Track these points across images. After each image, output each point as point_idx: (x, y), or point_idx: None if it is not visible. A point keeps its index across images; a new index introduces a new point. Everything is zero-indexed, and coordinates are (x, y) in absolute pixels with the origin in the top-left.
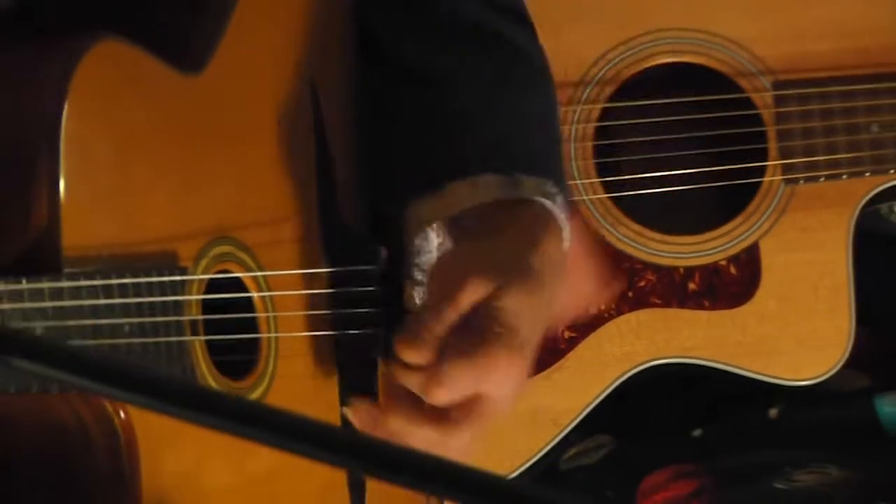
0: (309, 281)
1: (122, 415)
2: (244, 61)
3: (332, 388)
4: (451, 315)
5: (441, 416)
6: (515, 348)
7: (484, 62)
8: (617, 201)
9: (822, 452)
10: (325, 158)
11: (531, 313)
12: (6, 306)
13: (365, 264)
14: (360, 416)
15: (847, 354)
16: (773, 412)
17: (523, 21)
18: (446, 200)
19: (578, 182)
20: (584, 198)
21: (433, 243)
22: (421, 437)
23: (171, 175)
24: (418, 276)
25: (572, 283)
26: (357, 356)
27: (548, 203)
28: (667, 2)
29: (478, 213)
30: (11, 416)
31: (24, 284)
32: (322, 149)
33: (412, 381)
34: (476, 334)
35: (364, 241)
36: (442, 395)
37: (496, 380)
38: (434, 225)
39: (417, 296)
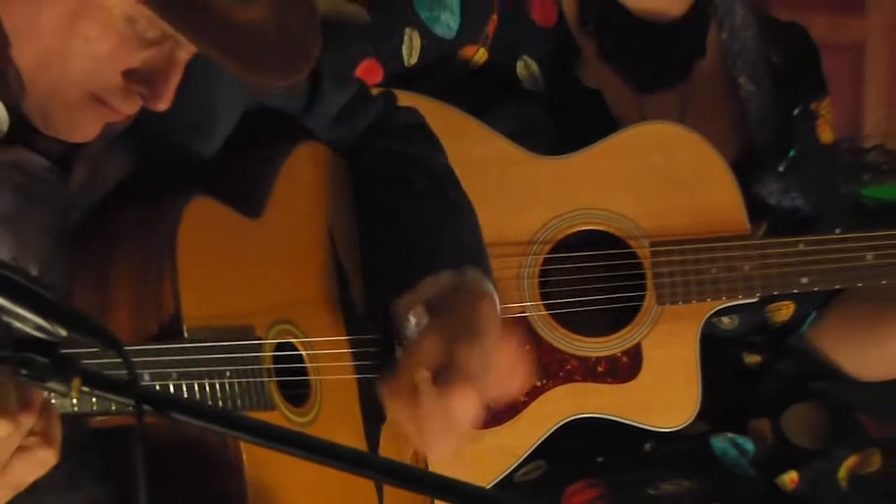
0: (336, 345)
1: (234, 442)
2: (286, 209)
3: (355, 410)
4: (417, 364)
5: (422, 428)
6: (470, 383)
7: (436, 196)
8: (553, 316)
9: (678, 471)
10: (342, 272)
11: (479, 358)
12: (151, 372)
13: (370, 334)
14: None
15: (697, 412)
16: (647, 446)
17: (445, 158)
18: (417, 294)
19: (528, 304)
20: (533, 314)
21: (412, 324)
22: (416, 438)
23: (246, 279)
24: (404, 343)
25: (522, 366)
26: (369, 391)
27: (484, 284)
28: (582, 190)
29: (439, 295)
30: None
31: (163, 345)
32: (339, 266)
33: (400, 410)
34: (440, 373)
35: (367, 320)
36: (427, 423)
37: (457, 400)
38: (412, 311)
39: (401, 355)
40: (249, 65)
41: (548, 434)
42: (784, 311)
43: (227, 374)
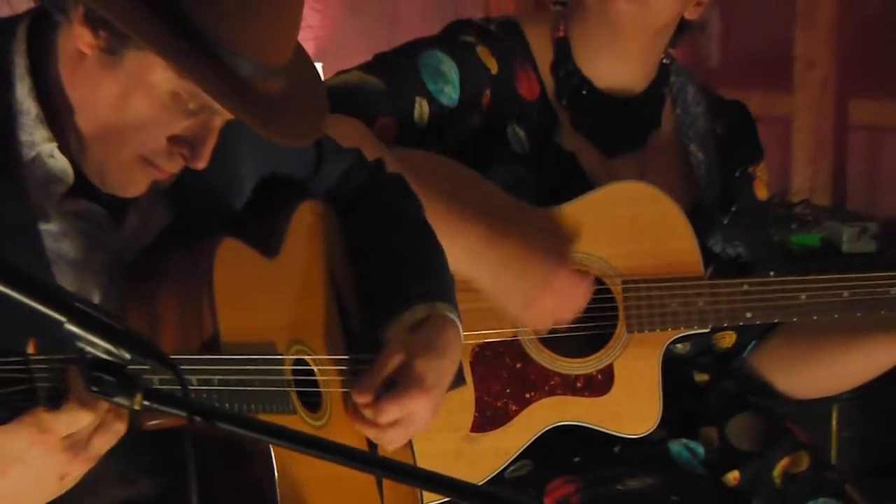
0: (338, 363)
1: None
2: (297, 251)
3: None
4: (381, 373)
5: (379, 428)
6: (424, 388)
7: (414, 244)
8: (541, 340)
9: (641, 470)
10: (342, 303)
11: (434, 371)
12: (198, 378)
13: (362, 353)
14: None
15: (658, 421)
16: (616, 449)
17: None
18: (399, 323)
19: (520, 329)
20: (524, 338)
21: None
22: (378, 439)
23: (268, 305)
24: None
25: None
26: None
27: (450, 315)
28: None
29: (415, 324)
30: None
31: (206, 356)
32: (340, 299)
33: (364, 413)
34: (399, 384)
35: (364, 342)
36: (381, 419)
37: (413, 407)
38: (395, 336)
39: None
40: (269, 126)
41: (534, 438)
42: (727, 339)
43: (256, 382)
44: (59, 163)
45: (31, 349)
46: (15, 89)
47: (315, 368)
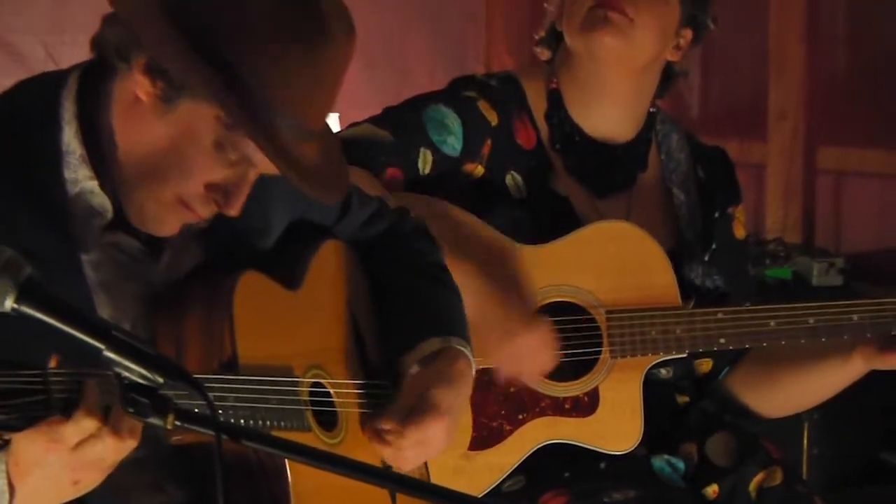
0: (354, 387)
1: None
2: (318, 286)
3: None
4: (406, 403)
5: (399, 450)
6: (439, 414)
7: (431, 283)
8: None
9: (626, 483)
10: (358, 334)
11: (448, 399)
12: (214, 395)
13: (379, 378)
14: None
15: (640, 439)
16: (602, 465)
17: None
18: (414, 355)
19: None
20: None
21: (411, 373)
22: (396, 460)
23: (287, 334)
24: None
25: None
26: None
27: (462, 348)
28: (556, 271)
29: (430, 355)
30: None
31: (223, 376)
32: (357, 330)
33: (388, 437)
34: (416, 410)
35: (378, 369)
36: (403, 443)
37: (430, 432)
38: (411, 366)
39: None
40: (305, 181)
41: (527, 455)
42: (706, 365)
43: (271, 401)
44: (100, 199)
45: (52, 364)
46: (63, 131)
47: (332, 391)
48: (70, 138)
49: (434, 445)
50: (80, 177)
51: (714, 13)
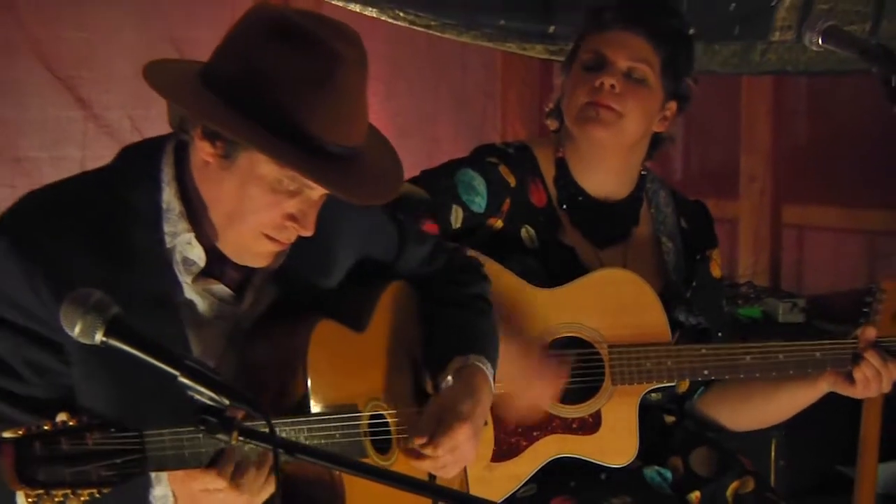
0: (407, 413)
1: (337, 473)
2: (382, 327)
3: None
4: (431, 419)
5: (436, 459)
6: (463, 420)
7: (473, 309)
8: None
9: (623, 491)
10: (417, 365)
11: (469, 407)
12: (289, 426)
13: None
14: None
15: (636, 454)
16: (603, 475)
17: (484, 286)
18: (444, 374)
19: None
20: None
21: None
22: (437, 470)
23: (353, 372)
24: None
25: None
26: None
27: (480, 364)
28: (565, 310)
29: (457, 371)
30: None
31: (295, 417)
32: (415, 361)
33: (423, 451)
34: (443, 422)
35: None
36: (437, 452)
37: (459, 438)
38: (444, 381)
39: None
40: (350, 191)
41: (540, 467)
42: (683, 385)
43: (337, 435)
44: (196, 249)
45: (62, 418)
46: (163, 192)
47: (389, 420)
48: (170, 197)
49: (466, 449)
50: (178, 230)
51: (694, 76)
